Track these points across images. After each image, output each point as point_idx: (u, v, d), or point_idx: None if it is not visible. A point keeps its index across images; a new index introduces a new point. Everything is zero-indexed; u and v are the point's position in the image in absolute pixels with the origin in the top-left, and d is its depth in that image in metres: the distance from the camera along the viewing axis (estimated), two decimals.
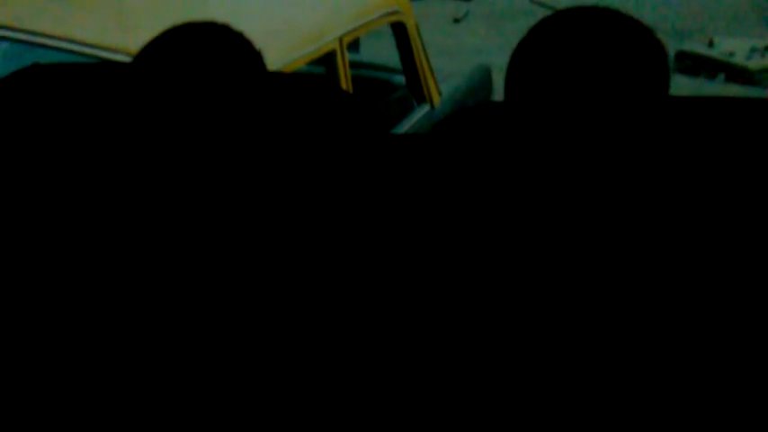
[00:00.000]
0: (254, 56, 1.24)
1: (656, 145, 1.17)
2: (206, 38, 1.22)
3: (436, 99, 3.55)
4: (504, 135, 1.19)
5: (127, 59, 2.46)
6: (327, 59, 2.94)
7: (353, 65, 3.20)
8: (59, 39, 2.60)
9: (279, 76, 1.38)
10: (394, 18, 3.36)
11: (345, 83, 2.99)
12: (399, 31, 3.41)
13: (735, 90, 6.23)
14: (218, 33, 1.23)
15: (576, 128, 1.13)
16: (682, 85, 6.13)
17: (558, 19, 1.18)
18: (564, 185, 1.15)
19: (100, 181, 1.23)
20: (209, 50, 1.21)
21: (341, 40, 2.97)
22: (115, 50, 2.53)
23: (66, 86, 1.33)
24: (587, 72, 1.13)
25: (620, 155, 1.14)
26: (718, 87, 6.20)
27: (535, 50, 1.16)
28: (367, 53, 4.16)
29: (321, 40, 2.89)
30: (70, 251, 1.22)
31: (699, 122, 1.22)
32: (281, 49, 2.71)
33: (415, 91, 3.49)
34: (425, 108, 3.49)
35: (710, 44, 6.73)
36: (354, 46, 4.79)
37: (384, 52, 4.19)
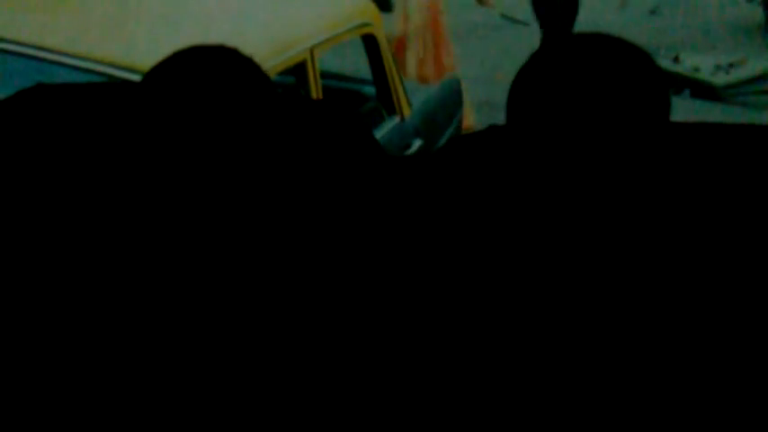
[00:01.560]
0: (263, 79, 1.24)
1: (661, 171, 1.18)
2: (215, 60, 1.22)
3: (406, 111, 3.56)
4: (510, 159, 1.20)
5: (121, 73, 2.45)
6: (298, 70, 2.94)
7: (324, 75, 3.21)
8: (62, 54, 2.57)
9: (287, 98, 1.37)
10: (365, 30, 3.37)
11: (316, 93, 2.99)
12: (370, 42, 3.42)
13: (699, 105, 6.31)
14: (227, 56, 1.23)
15: (583, 153, 1.14)
16: None
17: (563, 45, 1.18)
18: (570, 208, 1.16)
19: (107, 202, 1.22)
20: (218, 73, 1.21)
21: (312, 50, 2.97)
22: (113, 65, 2.51)
23: (72, 107, 1.31)
24: (593, 98, 1.13)
25: (628, 180, 1.15)
26: (685, 102, 6.27)
27: (540, 76, 1.17)
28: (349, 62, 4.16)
29: (292, 50, 2.89)
30: (74, 268, 1.21)
31: (700, 147, 1.22)
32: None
33: (386, 102, 3.50)
34: (395, 120, 3.50)
35: (676, 60, 6.82)
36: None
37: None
